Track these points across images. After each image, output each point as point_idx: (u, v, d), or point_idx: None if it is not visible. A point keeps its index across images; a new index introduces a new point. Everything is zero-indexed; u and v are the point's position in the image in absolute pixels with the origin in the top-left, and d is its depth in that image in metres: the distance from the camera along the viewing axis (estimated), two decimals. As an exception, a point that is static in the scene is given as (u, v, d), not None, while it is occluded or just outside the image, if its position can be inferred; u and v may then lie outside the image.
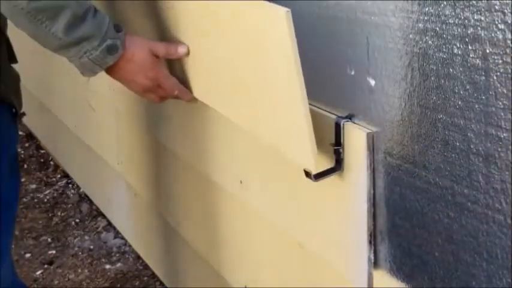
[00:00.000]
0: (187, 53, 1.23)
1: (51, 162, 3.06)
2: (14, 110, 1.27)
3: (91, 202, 2.73)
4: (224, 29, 1.10)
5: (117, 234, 2.50)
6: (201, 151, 1.54)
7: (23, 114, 1.32)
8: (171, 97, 1.29)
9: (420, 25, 0.84)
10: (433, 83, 0.85)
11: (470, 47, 0.78)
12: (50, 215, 2.67)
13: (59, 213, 2.67)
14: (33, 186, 2.87)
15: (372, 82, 0.95)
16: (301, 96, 0.93)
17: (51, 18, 1.06)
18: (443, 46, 0.82)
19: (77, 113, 2.49)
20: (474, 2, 0.76)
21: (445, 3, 0.80)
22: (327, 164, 1.02)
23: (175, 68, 1.30)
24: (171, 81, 1.26)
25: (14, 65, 1.33)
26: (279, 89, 0.99)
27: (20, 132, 2.77)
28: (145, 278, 2.25)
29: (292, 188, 1.18)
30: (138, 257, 2.33)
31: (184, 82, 1.30)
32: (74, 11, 1.08)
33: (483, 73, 0.77)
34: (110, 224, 2.57)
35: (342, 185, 1.03)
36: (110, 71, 1.17)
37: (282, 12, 0.89)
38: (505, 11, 0.73)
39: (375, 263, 1.02)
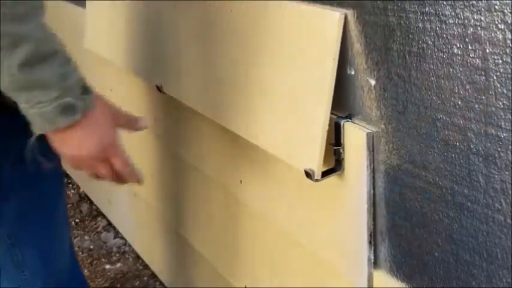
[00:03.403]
0: (146, 127, 1.16)
1: (51, 162, 3.06)
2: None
3: (91, 202, 2.73)
4: (263, 30, 1.11)
5: (117, 234, 2.50)
6: (201, 151, 1.54)
7: None
8: (113, 176, 1.08)
9: (420, 25, 0.84)
10: (433, 83, 0.85)
11: (470, 47, 0.78)
12: (50, 215, 2.66)
13: (59, 213, 2.67)
14: (33, 186, 2.87)
15: (372, 82, 0.95)
16: (327, 101, 0.96)
17: (8, 48, 0.88)
18: (443, 46, 0.82)
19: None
20: (474, 2, 0.76)
21: (445, 3, 0.80)
22: (327, 164, 1.03)
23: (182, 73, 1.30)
24: (126, 157, 1.07)
25: None
26: (306, 92, 1.01)
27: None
28: (145, 278, 2.25)
29: (292, 188, 1.18)
30: (138, 257, 2.33)
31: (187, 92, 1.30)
32: (37, 46, 0.90)
33: (483, 73, 0.77)
34: (110, 224, 2.57)
35: (342, 185, 1.03)
36: (57, 132, 0.97)
37: (336, 16, 0.94)
38: (505, 11, 0.73)
39: (375, 263, 1.02)
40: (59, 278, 1.35)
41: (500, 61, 0.75)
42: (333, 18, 0.95)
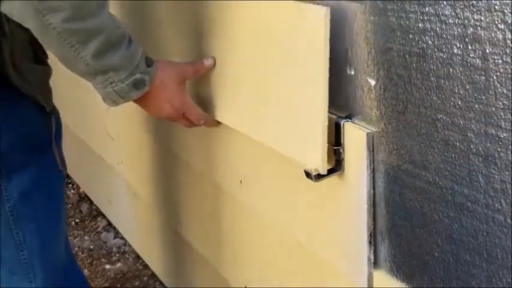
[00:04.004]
0: (214, 64, 1.23)
1: (51, 162, 3.06)
2: (43, 107, 1.28)
3: (91, 202, 2.73)
4: (254, 29, 1.11)
5: (117, 234, 2.50)
6: (201, 151, 1.54)
7: (54, 110, 1.34)
8: (195, 126, 1.27)
9: (420, 25, 0.84)
10: (433, 83, 0.85)
11: (470, 47, 0.78)
12: (50, 215, 2.66)
13: (59, 213, 2.67)
14: (33, 186, 2.87)
15: (372, 82, 0.95)
16: (323, 96, 0.96)
17: (82, 43, 1.01)
18: (443, 46, 0.82)
19: (77, 113, 2.49)
20: (474, 2, 0.76)
21: (445, 3, 0.80)
22: (327, 164, 1.03)
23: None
24: (196, 111, 1.24)
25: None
26: (301, 89, 1.01)
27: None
28: (145, 278, 2.25)
29: (292, 188, 1.18)
30: (138, 257, 2.33)
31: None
32: (107, 37, 1.02)
33: (483, 73, 0.77)
34: (110, 224, 2.57)
35: (342, 185, 1.03)
36: (135, 100, 1.13)
37: (322, 11, 0.93)
38: (505, 11, 0.73)
39: (375, 263, 1.02)
40: (56, 266, 1.36)
41: (500, 61, 0.75)
42: (319, 14, 0.94)
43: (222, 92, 1.26)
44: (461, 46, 0.79)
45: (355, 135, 0.99)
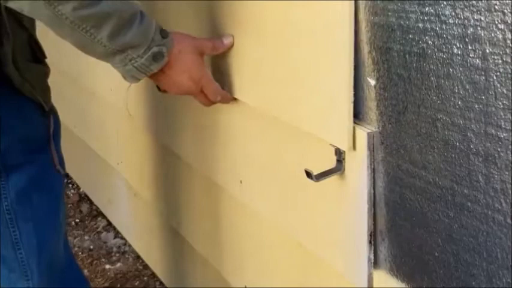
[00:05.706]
0: (233, 44, 1.22)
1: (51, 162, 3.06)
2: (42, 107, 1.29)
3: (91, 202, 2.73)
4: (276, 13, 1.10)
5: (117, 234, 2.50)
6: (202, 151, 1.54)
7: (53, 110, 1.34)
8: (212, 103, 1.26)
9: (420, 25, 0.85)
10: (433, 83, 0.85)
11: (470, 47, 0.78)
12: (50, 215, 2.66)
13: (59, 213, 2.67)
14: (33, 186, 2.87)
15: (372, 82, 0.95)
16: (349, 68, 0.95)
17: (96, 27, 1.03)
18: (443, 46, 0.82)
19: (77, 113, 2.49)
20: (474, 2, 0.76)
21: (445, 3, 0.80)
22: (327, 164, 1.03)
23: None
24: (214, 86, 1.23)
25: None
26: (325, 63, 1.00)
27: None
28: (145, 278, 2.25)
29: (292, 188, 1.18)
30: (138, 257, 2.33)
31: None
32: (119, 17, 1.04)
33: (483, 73, 0.77)
34: (110, 224, 2.57)
35: (342, 185, 1.03)
36: (153, 74, 1.14)
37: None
38: (505, 11, 0.73)
39: (375, 263, 1.02)
40: (54, 265, 1.36)
41: (500, 61, 0.75)
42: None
43: (241, 70, 1.23)
44: (461, 46, 0.79)
45: (355, 135, 0.99)
